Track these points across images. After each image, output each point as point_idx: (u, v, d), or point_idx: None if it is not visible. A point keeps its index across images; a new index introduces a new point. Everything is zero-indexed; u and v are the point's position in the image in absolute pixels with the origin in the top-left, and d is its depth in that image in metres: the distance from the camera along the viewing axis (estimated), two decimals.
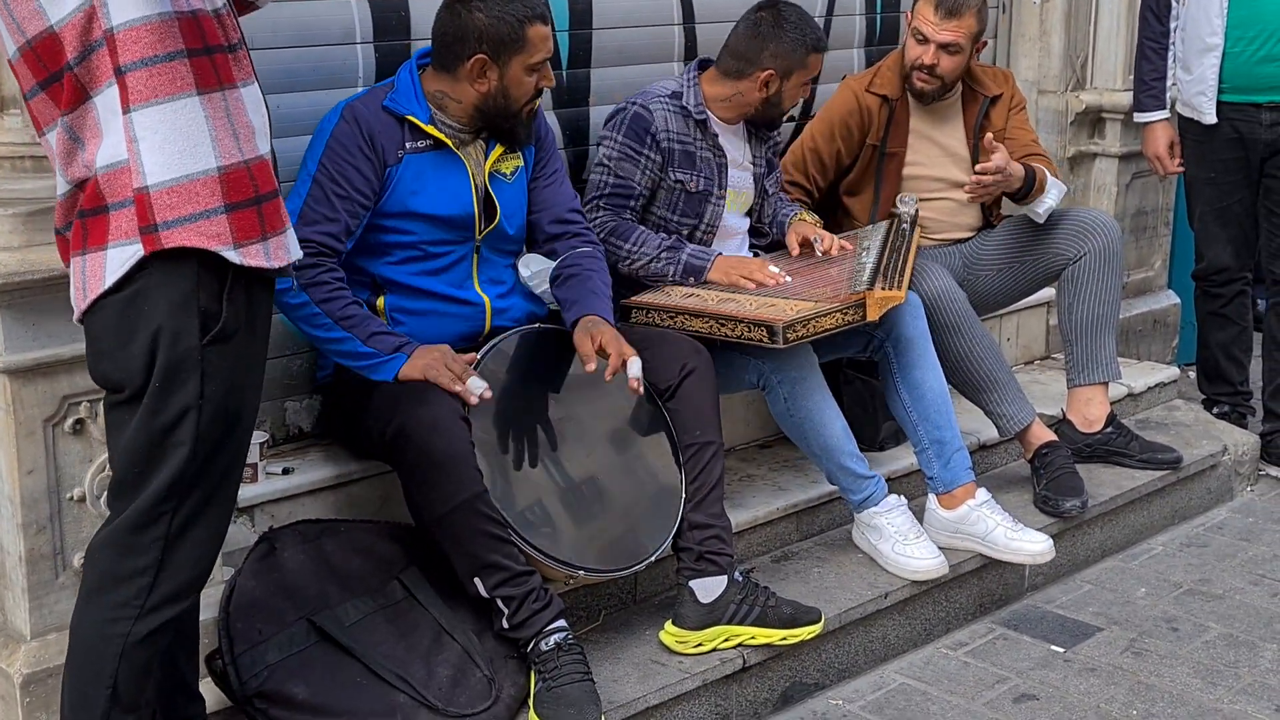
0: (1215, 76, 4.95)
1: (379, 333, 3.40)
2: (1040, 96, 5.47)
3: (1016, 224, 4.72)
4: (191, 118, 2.43)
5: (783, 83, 4.05)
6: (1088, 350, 4.60)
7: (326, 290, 3.37)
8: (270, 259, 2.52)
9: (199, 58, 2.44)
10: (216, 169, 2.45)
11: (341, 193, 3.41)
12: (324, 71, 3.73)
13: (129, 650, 2.55)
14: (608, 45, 4.32)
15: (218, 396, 2.51)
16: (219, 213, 2.45)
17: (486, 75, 3.49)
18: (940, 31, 4.39)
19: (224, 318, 2.49)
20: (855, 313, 3.83)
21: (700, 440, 3.61)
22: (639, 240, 3.94)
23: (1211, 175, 5.09)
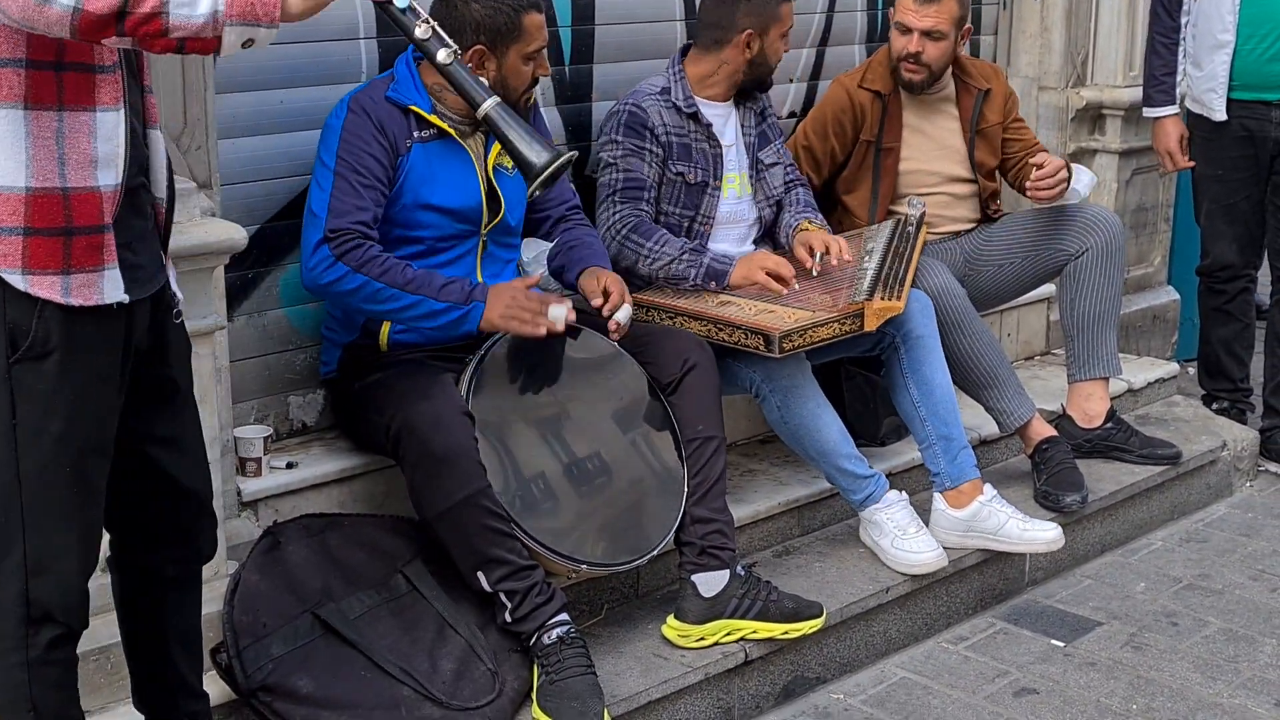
0: (1226, 73, 4.96)
1: (446, 284, 3.42)
2: (1041, 93, 5.48)
3: (1018, 220, 4.74)
4: (11, 131, 2.31)
5: (763, 39, 4.07)
6: (1089, 346, 4.61)
7: (380, 264, 3.38)
8: (69, 295, 2.37)
9: (42, 71, 2.32)
10: (24, 189, 2.33)
11: (366, 181, 3.43)
12: (326, 67, 3.74)
13: (34, 674, 2.52)
14: (610, 41, 4.32)
15: (36, 419, 2.41)
16: (15, 233, 2.33)
17: (485, 66, 3.51)
18: (921, 18, 4.41)
19: (33, 335, 2.38)
20: (853, 323, 3.84)
21: (702, 435, 3.62)
22: (660, 240, 3.94)
23: (1219, 173, 5.10)
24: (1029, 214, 4.82)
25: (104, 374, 2.49)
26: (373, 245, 3.40)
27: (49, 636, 2.52)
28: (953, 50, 4.51)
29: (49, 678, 2.54)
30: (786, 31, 4.15)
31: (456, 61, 2.75)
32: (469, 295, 3.42)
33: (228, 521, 3.38)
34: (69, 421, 2.44)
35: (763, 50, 4.09)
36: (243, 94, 3.59)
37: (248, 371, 3.68)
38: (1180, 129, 5.16)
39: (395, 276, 3.39)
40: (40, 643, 2.51)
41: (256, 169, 3.65)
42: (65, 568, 2.51)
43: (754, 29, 4.05)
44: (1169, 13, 5.10)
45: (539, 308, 3.42)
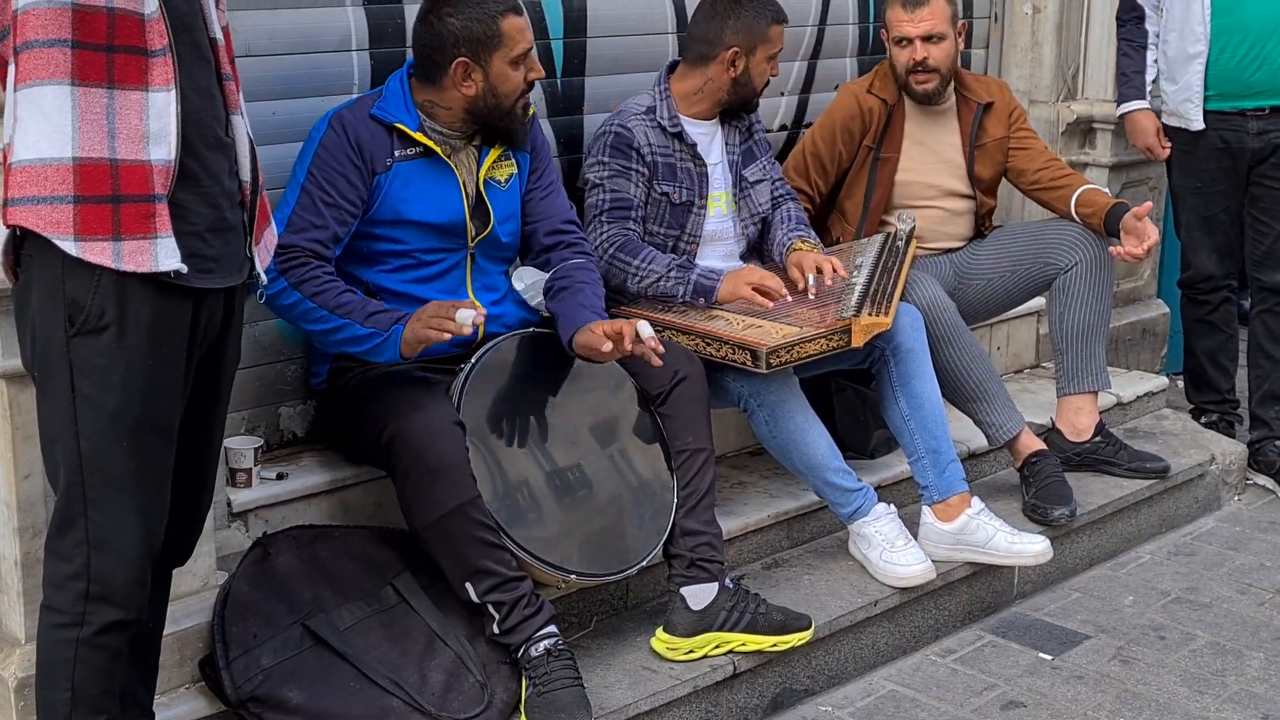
0: (1201, 83, 4.98)
1: (376, 312, 3.42)
2: (1032, 106, 5.50)
3: (1008, 234, 4.76)
4: (57, 105, 2.42)
5: (749, 59, 4.07)
6: (1077, 360, 4.63)
7: (317, 284, 3.40)
8: (120, 260, 2.46)
9: (90, 51, 2.43)
10: (71, 159, 2.43)
11: (329, 200, 3.44)
12: (320, 78, 3.75)
13: (81, 653, 2.59)
14: (602, 53, 4.34)
15: (94, 392, 2.51)
16: (65, 201, 2.44)
17: (471, 78, 3.52)
18: (917, 24, 4.44)
19: (88, 309, 2.48)
20: (840, 339, 3.86)
21: (692, 447, 3.63)
22: (647, 258, 3.95)
23: (1198, 185, 5.12)
24: (1018, 228, 4.84)
25: (165, 354, 2.57)
26: (317, 265, 3.41)
27: (104, 620, 2.59)
28: (955, 49, 4.53)
29: (94, 661, 2.60)
30: (775, 54, 4.14)
31: None
32: (394, 321, 3.39)
33: (218, 532, 3.38)
34: (125, 396, 2.53)
35: (747, 70, 4.09)
36: None
37: (239, 382, 3.60)
38: (1154, 121, 5.17)
39: (328, 299, 3.39)
40: (95, 622, 2.59)
41: None
42: (125, 543, 2.58)
43: (740, 47, 4.06)
44: (1133, 20, 5.15)
45: (448, 313, 3.33)
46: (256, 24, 3.55)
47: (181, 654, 3.21)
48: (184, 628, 3.20)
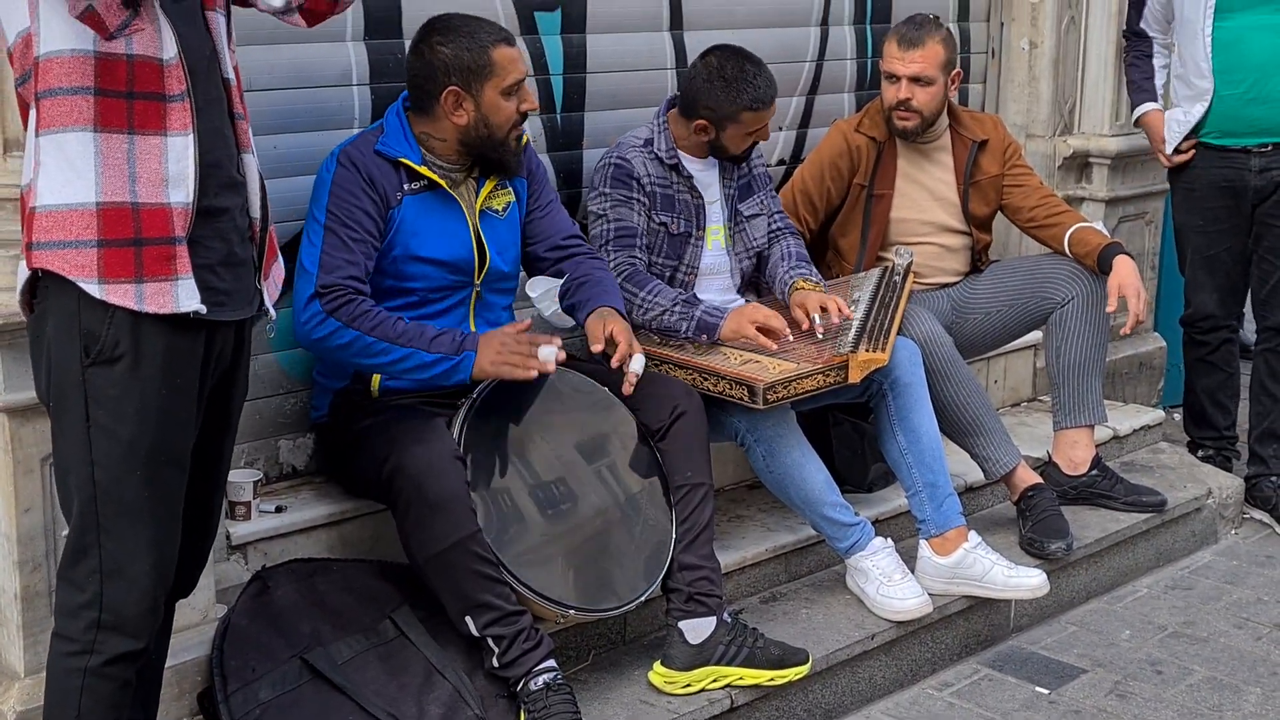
0: (1196, 120, 5.01)
1: (437, 336, 3.45)
2: (1029, 141, 5.53)
3: (1004, 269, 4.78)
4: (80, 151, 2.47)
5: (720, 133, 4.08)
6: (1074, 393, 4.64)
7: (371, 318, 3.42)
8: (142, 302, 2.52)
9: (111, 99, 2.48)
10: (94, 204, 2.48)
11: (356, 235, 3.46)
12: (321, 113, 3.77)
13: (89, 683, 2.61)
14: (601, 90, 4.37)
15: (108, 422, 2.54)
16: (89, 245, 2.48)
17: (463, 107, 3.53)
18: (907, 64, 4.46)
19: (103, 340, 2.52)
20: (837, 375, 3.88)
21: (691, 482, 3.64)
22: (653, 290, 3.97)
23: (1200, 224, 5.14)
24: (1015, 263, 4.87)
25: (178, 384, 2.60)
26: (364, 299, 3.43)
27: (115, 650, 2.61)
28: (943, 95, 4.55)
29: (101, 691, 2.62)
30: (753, 133, 4.10)
31: None
32: (460, 345, 3.44)
33: (217, 565, 3.39)
34: (139, 426, 2.56)
35: (719, 139, 4.10)
36: None
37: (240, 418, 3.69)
38: (1161, 121, 5.19)
39: (387, 330, 3.42)
40: (105, 652, 2.60)
41: None
42: (138, 572, 2.60)
43: (709, 121, 4.06)
44: (1145, 40, 5.21)
45: (529, 350, 3.44)
46: (256, 59, 3.57)
47: (180, 687, 3.22)
48: (183, 661, 3.21)
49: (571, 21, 4.27)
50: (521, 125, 3.63)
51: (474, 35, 3.52)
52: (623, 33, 4.40)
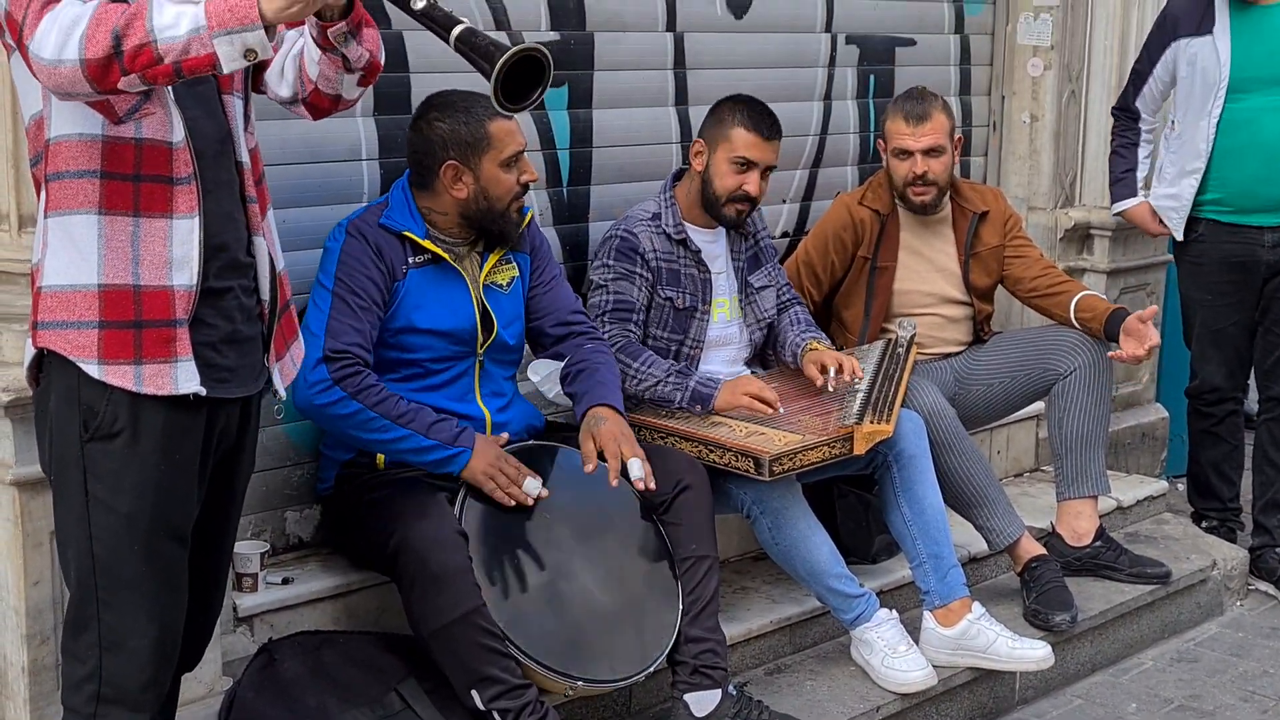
0: (1191, 197, 5.04)
1: (436, 422, 3.48)
2: (1030, 213, 5.57)
3: (1007, 340, 4.81)
4: (85, 233, 2.51)
5: (711, 155, 4.13)
6: (1077, 464, 4.65)
7: (376, 394, 3.45)
8: (141, 384, 2.54)
9: (117, 181, 2.51)
10: (96, 285, 2.51)
11: (363, 303, 3.49)
12: (330, 187, 3.81)
13: None
14: (608, 163, 4.41)
15: (106, 496, 2.56)
16: (90, 326, 2.52)
17: (462, 180, 3.58)
18: (919, 139, 4.51)
19: (102, 415, 2.54)
20: (842, 446, 3.90)
21: (695, 554, 3.65)
22: (647, 361, 4.00)
23: (1208, 298, 5.15)
24: (1018, 334, 4.89)
25: (178, 460, 2.61)
26: (370, 373, 3.47)
27: None
28: (952, 162, 4.60)
29: None
30: (738, 159, 4.11)
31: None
32: (456, 438, 3.47)
33: (223, 637, 3.39)
34: (137, 501, 2.57)
35: (709, 168, 4.13)
36: None
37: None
38: (1148, 207, 5.21)
39: (389, 408, 3.45)
40: None
41: None
42: (138, 646, 2.60)
43: (705, 140, 4.16)
44: (1126, 119, 5.22)
45: (518, 477, 3.48)
46: (267, 134, 3.58)
47: None
48: None
49: (578, 97, 4.33)
50: (522, 197, 3.67)
51: (470, 110, 3.57)
52: (629, 108, 4.46)
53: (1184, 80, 5.07)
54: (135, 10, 2.34)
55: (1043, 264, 4.78)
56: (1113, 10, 5.52)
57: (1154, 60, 5.14)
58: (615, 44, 4.39)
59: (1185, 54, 5.04)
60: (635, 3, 4.43)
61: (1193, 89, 5.03)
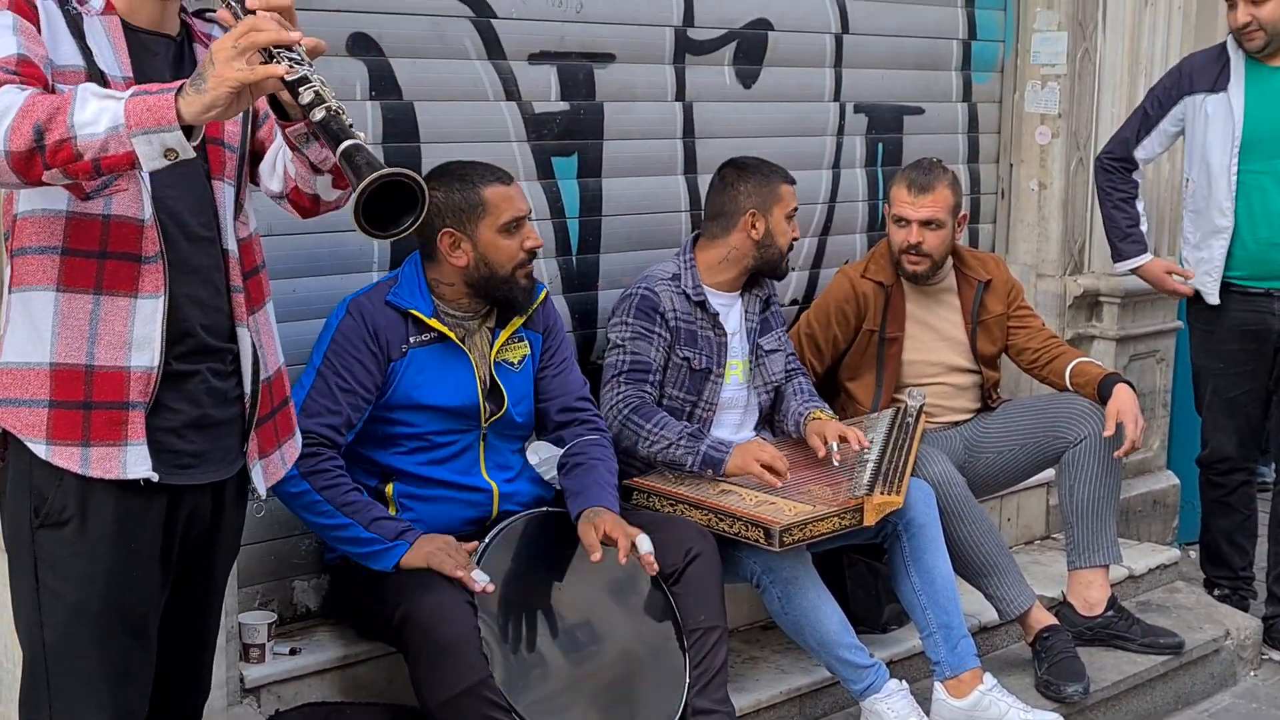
0: (1223, 258, 5.02)
1: (381, 518, 3.46)
2: (1039, 280, 5.58)
3: (1016, 408, 4.79)
4: (43, 310, 2.47)
5: (767, 219, 4.17)
6: (1088, 533, 4.63)
7: (328, 478, 3.43)
8: (87, 466, 2.47)
9: (79, 258, 2.46)
10: (48, 364, 2.46)
11: (346, 386, 3.49)
12: (340, 257, 3.83)
13: None
14: (617, 231, 4.43)
15: (55, 584, 2.49)
16: (40, 405, 2.46)
17: (460, 248, 3.59)
18: (918, 209, 4.51)
19: (51, 502, 2.48)
20: (852, 517, 3.89)
21: (705, 625, 3.63)
22: (659, 423, 4.00)
23: (1220, 365, 5.13)
24: (1027, 402, 4.89)
25: (134, 548, 2.54)
26: (331, 457, 3.45)
27: None
28: (951, 238, 4.60)
29: None
30: (792, 213, 4.24)
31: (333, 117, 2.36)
32: (398, 535, 3.44)
33: (230, 708, 3.38)
34: (87, 590, 2.50)
35: (769, 230, 4.19)
36: None
37: (253, 557, 3.71)
38: (1163, 263, 5.19)
39: (336, 495, 3.43)
40: None
41: None
42: None
43: (756, 209, 4.16)
44: (1123, 169, 5.14)
45: (464, 560, 3.41)
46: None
47: None
48: None
49: (588, 166, 4.36)
50: (529, 263, 3.66)
51: (466, 177, 3.59)
52: (638, 176, 4.48)
53: (1197, 137, 5.07)
54: (59, 104, 2.29)
55: (1045, 334, 4.78)
56: (1120, 79, 5.55)
57: (1164, 111, 5.12)
58: (625, 113, 4.43)
59: (1199, 110, 5.05)
60: (645, 73, 4.47)
61: (1209, 146, 5.02)
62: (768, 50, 4.79)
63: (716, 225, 4.22)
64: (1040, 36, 5.53)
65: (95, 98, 2.30)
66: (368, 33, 3.83)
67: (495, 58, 4.10)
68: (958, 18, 5.40)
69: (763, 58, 4.79)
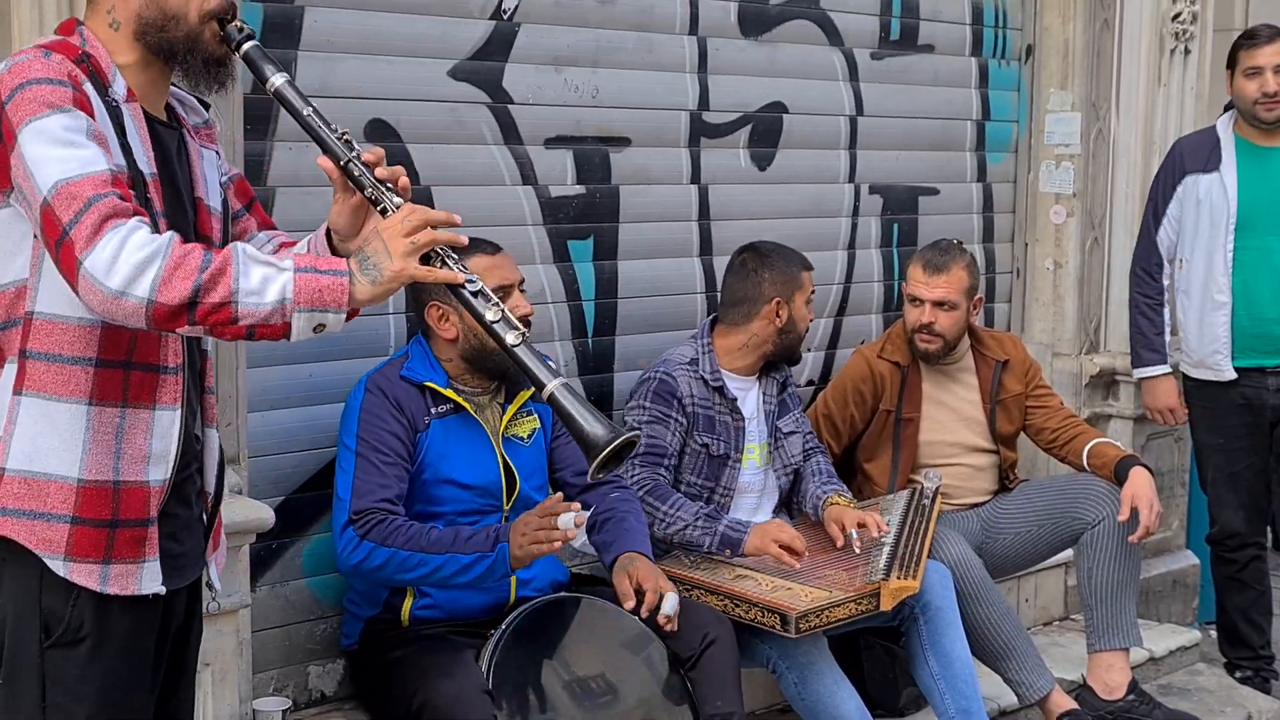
0: (1227, 334, 5.03)
1: (470, 536, 3.45)
2: (1055, 359, 5.58)
3: (1034, 488, 4.78)
4: (72, 424, 2.37)
5: (790, 306, 4.18)
6: (1108, 615, 4.59)
7: (404, 533, 3.43)
8: (106, 584, 2.40)
9: (110, 369, 2.39)
10: (76, 480, 2.37)
11: (388, 459, 3.49)
12: (356, 341, 3.84)
13: None
14: (632, 314, 4.45)
15: (66, 702, 2.40)
16: (62, 520, 2.37)
17: (448, 320, 3.60)
18: (932, 289, 4.52)
19: (66, 622, 2.39)
20: (869, 603, 3.88)
21: (722, 711, 3.60)
22: (675, 505, 3.99)
23: (1220, 441, 5.14)
24: (1045, 482, 4.87)
25: (138, 660, 2.49)
26: (395, 518, 3.45)
27: None
28: (965, 319, 4.61)
29: None
30: (810, 297, 4.27)
31: (525, 344, 2.50)
32: (494, 540, 3.43)
33: None
34: (98, 706, 2.43)
35: (791, 318, 4.20)
36: (273, 368, 3.69)
37: (269, 641, 3.70)
38: (1174, 385, 5.21)
39: (420, 541, 3.43)
40: None
41: (285, 441, 3.73)
42: None
43: (780, 297, 4.17)
44: (1152, 276, 5.17)
45: (550, 523, 3.36)
46: None
47: None
48: None
49: (603, 249, 4.38)
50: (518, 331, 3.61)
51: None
52: (654, 259, 4.51)
53: (1189, 216, 5.09)
54: (221, 265, 2.26)
55: (1063, 413, 4.78)
56: (1134, 159, 5.57)
57: (1168, 198, 5.15)
58: (640, 196, 4.46)
59: (1193, 190, 5.08)
60: (660, 156, 4.50)
61: (1199, 225, 5.06)
62: (782, 133, 4.83)
63: (737, 312, 4.22)
64: (1054, 117, 5.56)
65: (256, 264, 2.29)
66: (386, 119, 3.87)
67: (512, 142, 4.14)
68: (972, 99, 5.44)
69: (778, 140, 4.82)
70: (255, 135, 3.59)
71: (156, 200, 2.43)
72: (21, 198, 2.31)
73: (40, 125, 2.27)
